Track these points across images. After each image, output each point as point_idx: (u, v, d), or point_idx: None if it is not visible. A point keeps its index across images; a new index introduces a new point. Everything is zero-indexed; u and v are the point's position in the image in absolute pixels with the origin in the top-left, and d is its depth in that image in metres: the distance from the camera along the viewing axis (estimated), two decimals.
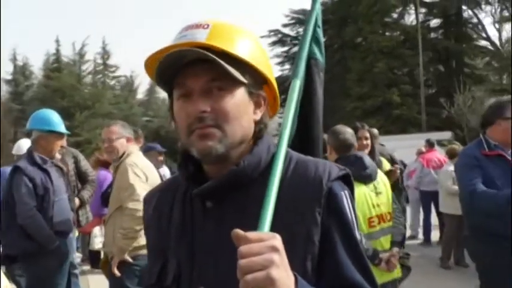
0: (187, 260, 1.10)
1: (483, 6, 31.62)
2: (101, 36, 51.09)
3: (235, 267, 0.88)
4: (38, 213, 3.68)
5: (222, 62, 1.03)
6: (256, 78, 1.12)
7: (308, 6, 1.58)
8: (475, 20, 31.90)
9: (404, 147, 12.35)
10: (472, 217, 3.62)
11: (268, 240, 0.88)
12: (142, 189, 3.34)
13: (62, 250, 3.86)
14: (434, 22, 32.48)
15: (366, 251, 3.30)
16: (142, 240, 3.41)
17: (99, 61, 39.99)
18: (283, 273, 0.87)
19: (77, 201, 4.98)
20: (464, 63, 30.29)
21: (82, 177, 5.38)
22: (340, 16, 30.98)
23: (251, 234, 0.88)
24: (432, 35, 31.64)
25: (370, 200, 3.40)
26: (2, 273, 1.55)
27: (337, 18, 31.06)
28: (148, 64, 1.14)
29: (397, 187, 5.72)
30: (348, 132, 3.50)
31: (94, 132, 30.29)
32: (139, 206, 3.23)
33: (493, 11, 32.24)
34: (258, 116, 1.13)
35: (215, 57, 1.02)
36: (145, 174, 3.52)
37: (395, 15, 31.86)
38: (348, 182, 1.13)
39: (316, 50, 1.55)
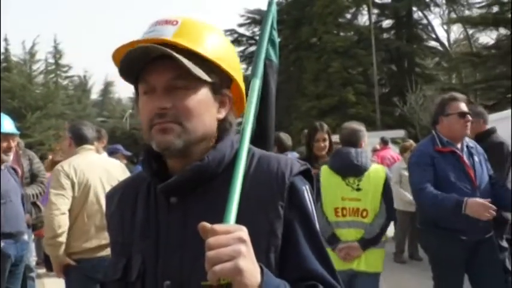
0: (152, 256, 1.12)
1: (432, 8, 32.61)
2: (52, 34, 49.53)
3: (200, 262, 0.90)
4: None
5: (185, 61, 1.04)
6: (222, 78, 1.14)
7: (263, 7, 1.62)
8: (424, 21, 32.81)
9: None
10: (423, 211, 3.77)
11: (235, 232, 0.91)
12: (56, 197, 3.36)
13: (5, 252, 3.79)
14: (387, 23, 33.22)
15: (324, 232, 3.50)
16: (88, 244, 3.44)
17: (51, 60, 38.92)
18: (250, 264, 0.90)
19: None
20: (416, 63, 31.07)
21: (33, 178, 5.26)
22: (295, 17, 31.26)
23: (218, 227, 0.91)
24: (384, 35, 32.35)
25: (340, 192, 3.60)
26: None
27: (292, 18, 31.32)
28: (116, 56, 1.14)
29: None
30: (349, 128, 3.86)
31: (47, 133, 29.42)
32: (52, 213, 3.30)
33: (441, 12, 33.37)
34: (221, 115, 1.15)
35: (178, 55, 1.04)
36: (72, 179, 3.45)
37: (348, 16, 32.42)
38: (308, 176, 1.17)
39: (271, 51, 1.59)
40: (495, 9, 25.60)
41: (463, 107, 3.57)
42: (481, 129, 4.60)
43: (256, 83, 1.30)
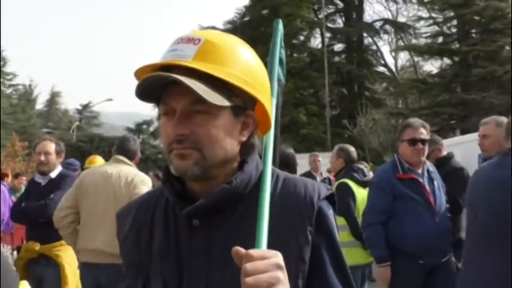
0: (174, 279, 1.07)
1: (382, 34, 33.87)
2: None
3: (226, 286, 0.90)
4: None
5: (199, 89, 0.99)
6: (246, 98, 1.09)
7: (217, 24, 1.59)
8: (374, 47, 34.02)
9: None
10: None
11: (272, 257, 0.88)
12: None
13: None
14: (338, 47, 34.11)
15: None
16: None
17: None
18: None
19: None
20: (365, 87, 31.93)
21: None
22: (250, 36, 31.51)
23: (254, 252, 0.88)
24: (336, 58, 33.13)
25: (365, 200, 4.09)
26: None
27: (247, 38, 31.37)
28: (138, 75, 1.10)
29: None
30: (351, 150, 5.01)
31: None
32: None
33: (390, 40, 34.69)
34: (244, 137, 1.11)
35: (191, 84, 0.99)
36: None
37: (302, 38, 33.05)
38: (332, 201, 1.15)
39: (279, 70, 1.57)
40: (440, 39, 26.91)
41: (416, 133, 3.63)
42: (440, 155, 4.75)
43: (273, 102, 1.28)
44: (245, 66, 1.09)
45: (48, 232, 3.95)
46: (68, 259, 4.03)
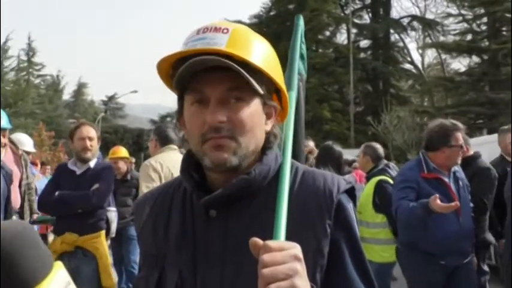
0: (189, 269, 1.06)
1: (409, 31, 33.47)
2: (26, 31, 48.71)
3: (242, 278, 0.89)
4: None
5: (245, 74, 0.99)
6: (269, 88, 1.09)
7: (243, 18, 1.59)
8: (401, 44, 33.64)
9: None
10: (403, 232, 3.76)
11: (290, 249, 0.87)
12: (147, 190, 3.85)
13: None
14: (364, 43, 33.91)
15: None
16: None
17: (24, 58, 38.30)
18: (305, 283, 0.86)
19: None
20: (390, 84, 31.68)
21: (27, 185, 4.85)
22: (275, 30, 31.49)
23: (272, 243, 0.87)
24: (362, 55, 32.91)
25: None
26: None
27: (272, 32, 31.53)
28: (161, 66, 1.08)
29: None
30: (380, 147, 5.05)
31: (15, 132, 28.72)
32: None
33: (417, 36, 34.23)
34: (268, 127, 1.11)
35: (238, 67, 0.99)
36: (159, 173, 3.75)
37: (327, 33, 32.87)
38: (352, 195, 1.14)
39: (300, 64, 1.57)
40: (469, 37, 26.41)
41: (463, 137, 3.55)
42: (466, 155, 4.65)
43: (293, 95, 1.27)
44: (266, 57, 1.09)
45: (85, 223, 3.76)
46: (105, 251, 3.84)
